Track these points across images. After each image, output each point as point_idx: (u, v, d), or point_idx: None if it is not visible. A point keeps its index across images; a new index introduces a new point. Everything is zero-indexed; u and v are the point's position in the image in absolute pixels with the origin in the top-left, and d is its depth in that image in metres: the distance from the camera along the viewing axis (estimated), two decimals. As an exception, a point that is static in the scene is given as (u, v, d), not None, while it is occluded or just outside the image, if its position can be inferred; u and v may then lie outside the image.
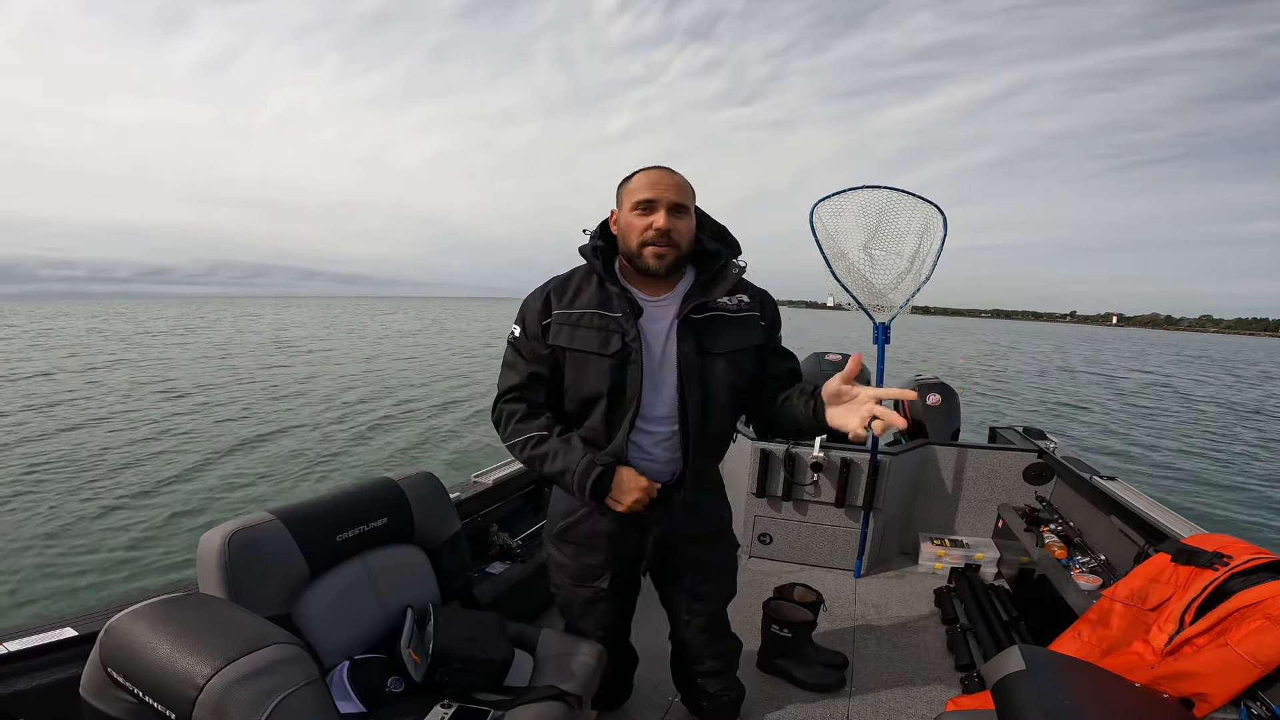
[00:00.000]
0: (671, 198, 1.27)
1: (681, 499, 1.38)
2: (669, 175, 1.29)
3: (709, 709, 1.73)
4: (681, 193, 1.28)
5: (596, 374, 1.29)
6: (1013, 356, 31.13)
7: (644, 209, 1.27)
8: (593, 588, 1.49)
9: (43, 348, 19.71)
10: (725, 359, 1.34)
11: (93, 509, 5.59)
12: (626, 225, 1.30)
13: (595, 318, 1.30)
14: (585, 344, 1.30)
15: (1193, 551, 1.52)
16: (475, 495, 2.20)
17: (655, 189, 1.27)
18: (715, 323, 1.34)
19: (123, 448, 7.68)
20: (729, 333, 1.35)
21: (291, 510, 1.31)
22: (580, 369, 1.31)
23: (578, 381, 1.32)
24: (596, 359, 1.29)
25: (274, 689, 0.80)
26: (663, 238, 1.26)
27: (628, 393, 1.29)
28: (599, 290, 1.32)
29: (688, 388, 1.30)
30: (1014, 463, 3.03)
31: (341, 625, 1.33)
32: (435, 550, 1.58)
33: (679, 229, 1.28)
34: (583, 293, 1.33)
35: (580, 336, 1.30)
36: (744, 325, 1.37)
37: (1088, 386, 19.96)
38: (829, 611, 2.48)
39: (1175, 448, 10.86)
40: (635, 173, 1.32)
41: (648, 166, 1.31)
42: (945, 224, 2.53)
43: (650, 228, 1.26)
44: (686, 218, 1.30)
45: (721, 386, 1.34)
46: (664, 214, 1.26)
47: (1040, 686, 1.14)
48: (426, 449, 8.43)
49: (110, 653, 0.87)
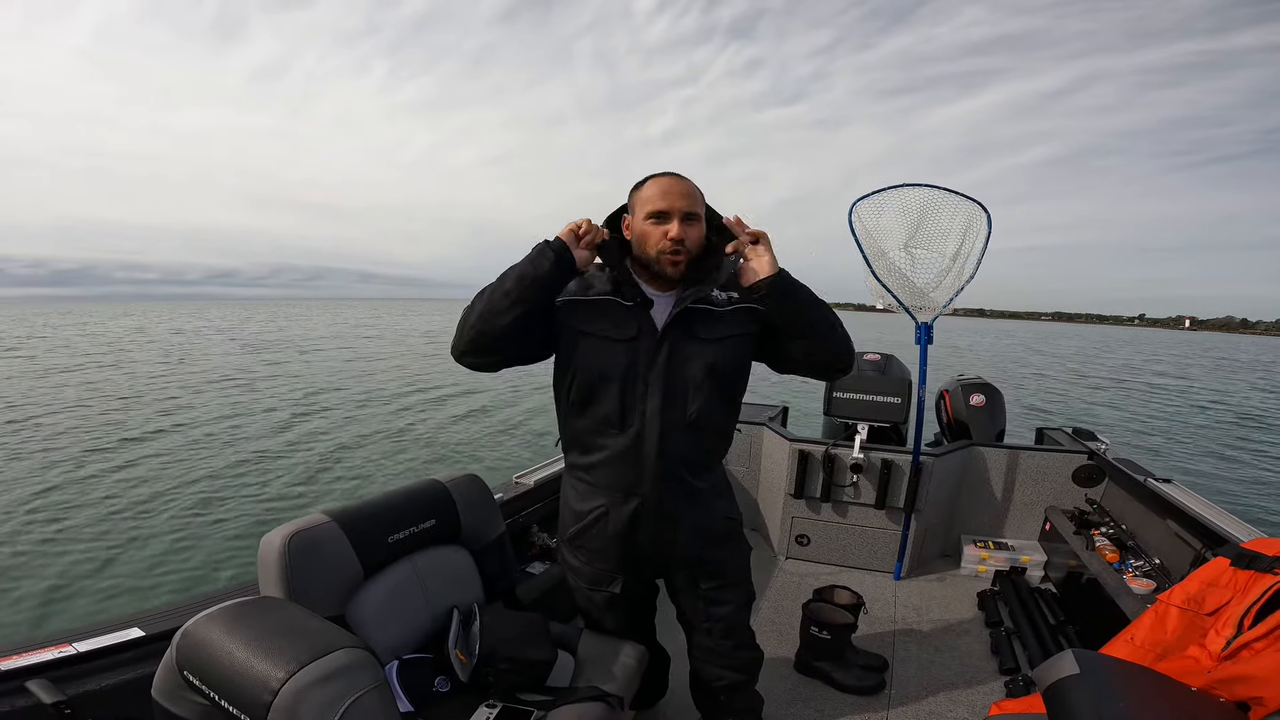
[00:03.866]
0: (684, 207, 1.29)
1: (659, 472, 1.36)
2: (680, 183, 1.31)
3: None
4: (693, 201, 1.32)
5: (611, 356, 1.32)
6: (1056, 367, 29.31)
7: (657, 219, 1.30)
8: (606, 592, 1.50)
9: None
10: (711, 344, 1.34)
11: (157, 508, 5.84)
12: (641, 233, 1.33)
13: (610, 304, 1.34)
14: (600, 327, 1.33)
15: (1253, 556, 1.47)
16: (517, 496, 2.24)
17: (668, 199, 1.29)
18: (703, 312, 1.35)
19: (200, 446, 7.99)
20: (719, 320, 1.36)
21: (345, 512, 1.35)
22: (594, 351, 1.33)
23: (589, 364, 1.33)
24: (611, 343, 1.32)
25: (344, 693, 0.83)
26: (678, 246, 1.30)
27: (640, 375, 1.31)
28: (612, 278, 1.36)
29: (666, 368, 1.32)
30: (1063, 464, 2.95)
31: (391, 625, 1.37)
32: (480, 551, 1.61)
33: (691, 236, 1.31)
34: (595, 282, 1.38)
35: (596, 320, 1.34)
36: (735, 315, 1.38)
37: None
38: (869, 614, 2.46)
39: (1232, 453, 10.42)
40: (647, 179, 1.34)
41: (660, 173, 1.33)
42: (990, 222, 2.48)
43: (665, 237, 1.30)
44: (698, 225, 1.33)
45: (698, 369, 1.33)
46: (678, 224, 1.29)
47: (1095, 690, 1.12)
48: (470, 450, 8.58)
49: (186, 656, 0.91)
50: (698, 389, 1.34)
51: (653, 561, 1.48)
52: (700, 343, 1.34)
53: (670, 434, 1.34)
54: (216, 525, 5.47)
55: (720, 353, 1.35)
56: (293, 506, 6.05)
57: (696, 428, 1.36)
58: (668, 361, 1.32)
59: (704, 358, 1.34)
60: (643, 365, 1.32)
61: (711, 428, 1.40)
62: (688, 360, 1.33)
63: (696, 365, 1.33)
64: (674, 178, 1.32)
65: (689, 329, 1.34)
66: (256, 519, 5.64)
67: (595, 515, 1.43)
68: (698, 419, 1.35)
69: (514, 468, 2.58)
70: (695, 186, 1.33)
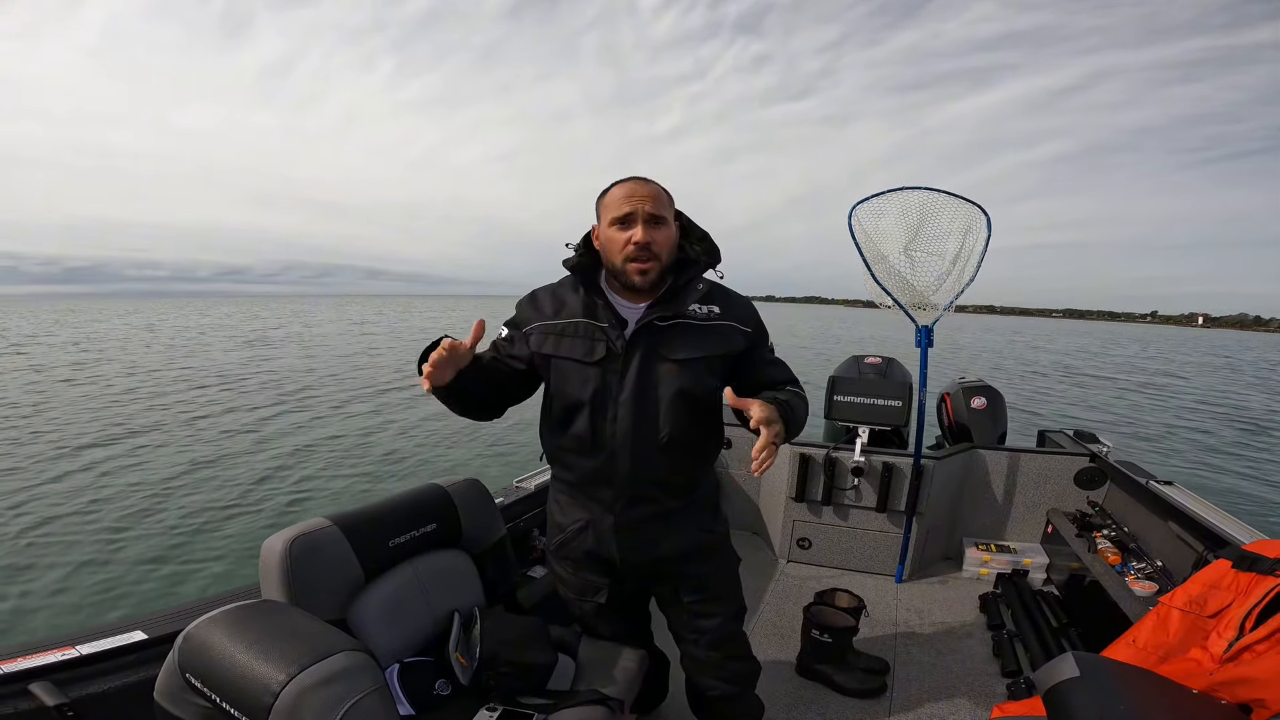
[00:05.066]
0: (648, 209, 1.25)
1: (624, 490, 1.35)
2: (644, 185, 1.28)
3: None
4: (658, 203, 1.27)
5: (580, 380, 1.30)
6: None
7: (621, 223, 1.26)
8: (593, 602, 1.50)
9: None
10: (681, 365, 1.30)
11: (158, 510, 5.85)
12: (607, 240, 1.29)
13: (581, 326, 1.32)
14: (570, 351, 1.31)
15: (1255, 558, 1.47)
16: (517, 500, 2.24)
17: (631, 201, 1.25)
18: (677, 329, 1.32)
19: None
20: (692, 339, 1.32)
21: (347, 516, 1.36)
22: (564, 376, 1.32)
23: (562, 389, 1.33)
24: (580, 366, 1.30)
25: (344, 695, 0.84)
26: (643, 251, 1.25)
27: (611, 398, 1.29)
28: (585, 300, 1.33)
29: (635, 391, 1.29)
30: (1064, 467, 2.95)
31: (392, 629, 1.38)
32: (481, 555, 1.62)
33: (658, 240, 1.27)
34: (568, 303, 1.35)
35: (565, 344, 1.31)
36: (712, 333, 1.34)
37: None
38: (870, 617, 2.46)
39: (1235, 452, 10.40)
40: (611, 185, 1.30)
41: (623, 179, 1.29)
42: (989, 225, 2.48)
43: (629, 242, 1.25)
44: (665, 228, 1.29)
45: (669, 390, 1.30)
46: (641, 227, 1.25)
47: (1095, 693, 1.12)
48: (467, 453, 8.58)
49: (188, 658, 0.91)
50: (669, 411, 1.30)
51: (632, 575, 1.47)
52: (671, 364, 1.30)
53: (643, 456, 1.31)
54: (218, 529, 5.47)
55: (692, 376, 1.31)
56: (294, 511, 6.06)
57: (671, 449, 1.32)
58: (636, 384, 1.29)
59: (676, 381, 1.30)
60: (613, 389, 1.29)
61: (686, 449, 1.36)
62: (658, 383, 1.30)
63: (667, 388, 1.30)
64: (637, 180, 1.28)
65: (659, 349, 1.30)
66: (258, 523, 5.65)
67: (576, 528, 1.43)
68: (670, 441, 1.31)
69: (514, 472, 2.58)
70: (662, 189, 1.30)
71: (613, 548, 1.41)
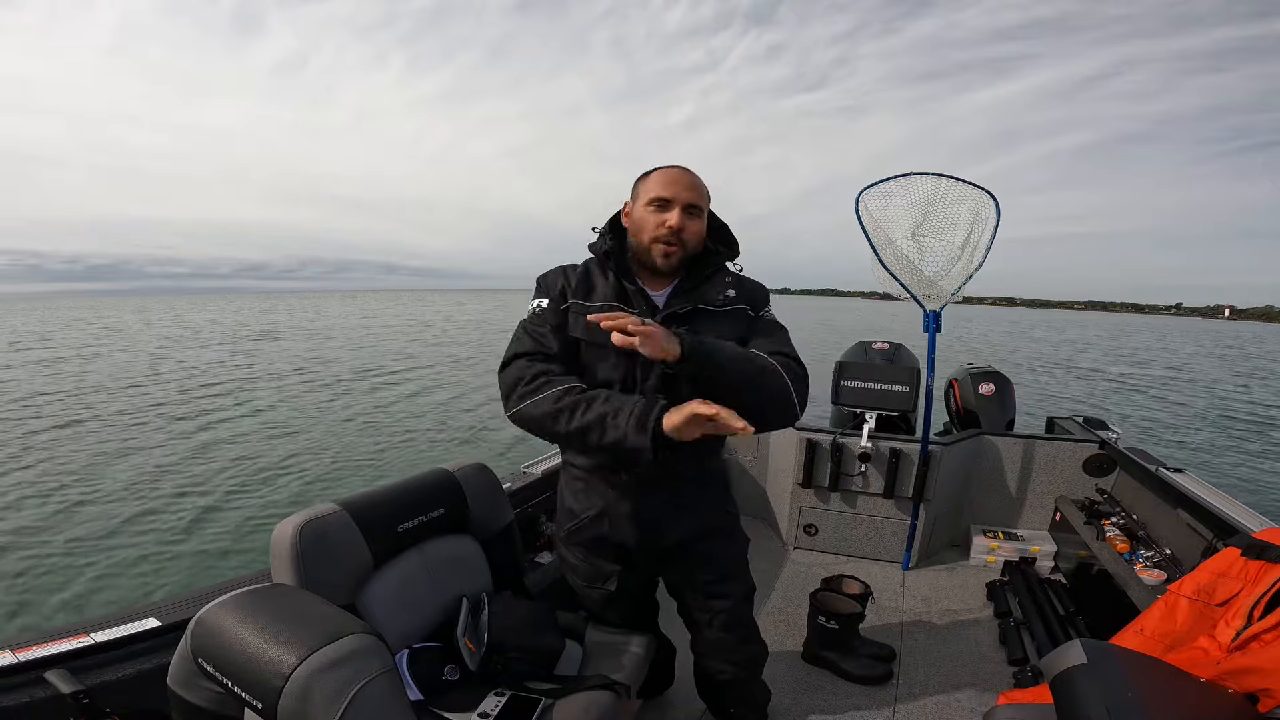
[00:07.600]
0: (687, 198, 1.28)
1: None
2: (687, 175, 1.31)
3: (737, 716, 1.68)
4: (697, 194, 1.30)
5: (611, 364, 1.30)
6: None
7: (659, 206, 1.29)
8: (603, 589, 1.51)
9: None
10: None
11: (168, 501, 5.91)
12: (640, 219, 1.32)
13: (614, 310, 1.30)
14: (600, 334, 1.26)
15: (1264, 546, 1.46)
16: (525, 486, 2.25)
17: (672, 187, 1.28)
18: (698, 316, 1.33)
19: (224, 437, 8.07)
20: (711, 326, 1.32)
21: (356, 501, 1.36)
22: (593, 358, 1.32)
23: (591, 371, 1.32)
24: (609, 351, 1.28)
25: (353, 678, 0.84)
26: (674, 236, 1.28)
27: (636, 385, 1.30)
28: (616, 285, 1.34)
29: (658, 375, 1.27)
30: (1073, 454, 2.93)
31: (401, 614, 1.39)
32: (489, 540, 1.63)
33: (690, 230, 1.30)
34: (598, 287, 1.35)
35: (597, 326, 1.29)
36: (727, 319, 1.35)
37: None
38: (877, 604, 2.46)
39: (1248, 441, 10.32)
40: (654, 170, 1.33)
41: (667, 165, 1.32)
42: (998, 211, 2.46)
43: (663, 225, 1.28)
44: (698, 220, 1.32)
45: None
46: (678, 213, 1.27)
47: (1102, 680, 1.12)
48: (474, 438, 8.62)
49: (200, 643, 0.92)
50: (690, 396, 1.25)
51: (647, 560, 1.48)
52: None
53: None
54: (230, 515, 5.53)
55: None
56: (304, 495, 6.12)
57: None
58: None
59: None
60: (640, 375, 1.30)
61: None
62: None
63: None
64: (682, 169, 1.32)
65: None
66: (269, 508, 5.71)
67: (592, 515, 1.43)
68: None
69: (522, 457, 2.59)
70: (702, 182, 1.32)
71: (629, 533, 1.41)
